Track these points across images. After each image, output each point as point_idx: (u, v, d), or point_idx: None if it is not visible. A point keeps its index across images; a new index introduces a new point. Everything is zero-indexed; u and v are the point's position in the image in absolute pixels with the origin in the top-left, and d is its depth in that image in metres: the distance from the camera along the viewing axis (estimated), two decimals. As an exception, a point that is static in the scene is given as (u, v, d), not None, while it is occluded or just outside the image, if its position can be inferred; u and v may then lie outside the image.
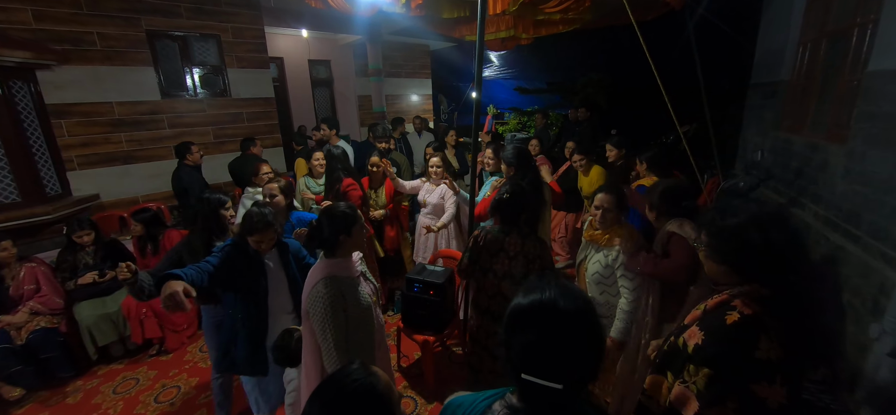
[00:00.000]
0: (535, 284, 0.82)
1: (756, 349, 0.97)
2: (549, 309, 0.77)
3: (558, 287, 0.80)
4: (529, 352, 0.77)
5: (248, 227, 1.97)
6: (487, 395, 0.90)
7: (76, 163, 4.25)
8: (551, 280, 0.83)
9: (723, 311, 1.06)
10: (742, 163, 5.05)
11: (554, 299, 0.77)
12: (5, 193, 3.63)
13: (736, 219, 1.08)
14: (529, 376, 0.75)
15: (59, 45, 4.00)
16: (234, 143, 5.20)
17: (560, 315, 0.76)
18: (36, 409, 2.82)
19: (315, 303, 1.62)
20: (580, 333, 0.77)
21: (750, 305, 1.03)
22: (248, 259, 2.02)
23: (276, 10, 5.76)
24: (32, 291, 3.01)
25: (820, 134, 3.28)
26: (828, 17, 3.36)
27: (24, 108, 3.77)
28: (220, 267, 1.93)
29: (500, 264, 2.08)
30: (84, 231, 3.15)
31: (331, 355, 1.61)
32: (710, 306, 1.12)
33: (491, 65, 10.89)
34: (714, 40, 4.76)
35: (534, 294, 0.80)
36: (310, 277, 1.71)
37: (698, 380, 1.02)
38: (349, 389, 0.90)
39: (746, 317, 1.01)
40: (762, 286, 1.05)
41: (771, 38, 4.42)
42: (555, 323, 0.76)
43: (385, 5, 4.19)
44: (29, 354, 2.86)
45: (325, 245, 1.71)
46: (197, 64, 4.95)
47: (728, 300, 1.08)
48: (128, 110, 4.51)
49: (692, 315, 1.17)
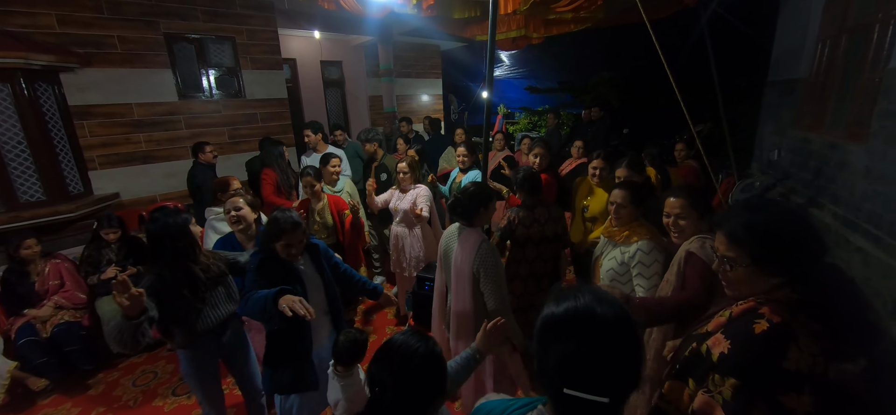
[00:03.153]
0: (567, 292, 0.78)
1: (785, 359, 0.94)
2: (587, 317, 0.73)
3: (592, 293, 0.76)
4: (569, 364, 0.72)
5: (274, 231, 1.85)
6: (520, 403, 0.90)
7: (97, 162, 4.38)
8: (583, 287, 0.79)
9: (750, 319, 1.02)
10: (758, 162, 4.96)
11: (590, 306, 0.74)
12: (31, 191, 3.76)
13: (765, 211, 1.04)
14: (572, 390, 0.70)
15: (81, 48, 4.12)
16: (249, 143, 5.29)
17: (599, 323, 0.72)
18: (59, 400, 2.92)
19: (486, 258, 1.94)
20: (622, 340, 0.73)
21: (779, 313, 0.99)
22: (282, 267, 1.89)
23: (290, 12, 5.85)
24: (57, 286, 3.12)
25: (839, 132, 3.22)
26: (848, 13, 3.28)
27: (49, 109, 3.90)
28: (264, 283, 1.80)
29: (536, 230, 2.57)
30: (112, 228, 3.25)
31: (504, 300, 1.98)
32: (735, 313, 1.07)
33: (502, 64, 10.87)
34: (729, 37, 4.69)
35: (567, 302, 0.75)
36: (466, 243, 2.00)
37: (725, 390, 0.99)
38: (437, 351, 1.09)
39: (776, 326, 0.97)
40: (792, 290, 1.00)
41: (788, 35, 4.34)
42: (594, 331, 0.72)
43: (397, 6, 4.22)
44: (53, 346, 2.97)
45: (466, 216, 2.01)
46: (213, 66, 5.06)
47: (755, 308, 1.03)
48: (146, 111, 4.63)
49: (716, 322, 1.12)
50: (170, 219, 1.89)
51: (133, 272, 3.22)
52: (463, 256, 2.01)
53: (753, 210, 1.06)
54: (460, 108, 11.28)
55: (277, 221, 1.86)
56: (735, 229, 1.06)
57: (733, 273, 1.08)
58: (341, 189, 3.55)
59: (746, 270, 1.05)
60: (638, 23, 3.49)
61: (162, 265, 1.87)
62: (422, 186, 3.31)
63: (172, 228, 1.88)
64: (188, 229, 1.93)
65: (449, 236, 2.17)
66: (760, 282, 1.04)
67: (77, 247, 3.51)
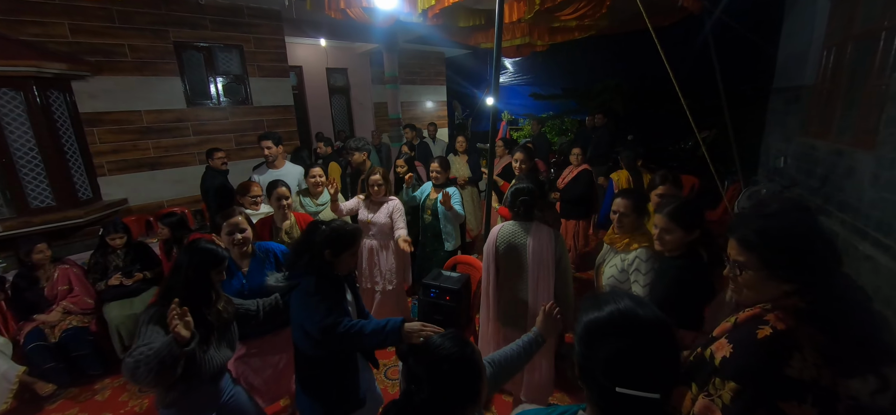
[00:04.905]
0: (605, 297, 0.81)
1: (787, 366, 0.93)
2: (632, 318, 0.76)
3: (629, 297, 0.79)
4: (618, 364, 0.75)
5: (343, 242, 1.73)
6: (559, 411, 0.91)
7: (106, 168, 4.44)
8: (615, 293, 0.82)
9: (754, 324, 1.02)
10: (764, 169, 4.93)
11: (633, 308, 0.77)
12: (41, 197, 3.82)
13: (778, 217, 1.03)
14: (624, 388, 0.73)
15: (92, 56, 4.20)
16: (255, 149, 5.34)
17: (643, 322, 0.75)
18: (67, 405, 2.93)
19: (564, 247, 2.19)
20: (665, 337, 0.76)
21: (784, 320, 0.98)
22: (334, 284, 1.75)
23: (297, 20, 5.92)
24: (65, 291, 3.15)
25: (846, 139, 3.20)
26: (854, 19, 3.28)
27: (60, 116, 3.97)
28: (331, 305, 1.68)
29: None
30: (118, 234, 3.28)
31: (571, 286, 2.24)
32: (741, 319, 1.07)
33: (506, 71, 10.90)
34: (734, 44, 4.68)
35: (609, 306, 0.78)
36: (541, 235, 2.18)
37: (724, 394, 1.00)
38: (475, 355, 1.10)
39: (779, 332, 0.96)
40: (802, 299, 0.99)
41: (794, 42, 4.33)
42: (640, 331, 0.75)
43: (402, 15, 4.26)
44: (61, 351, 2.99)
45: (528, 214, 2.23)
46: (220, 73, 5.13)
47: (760, 314, 1.03)
48: (155, 118, 4.69)
49: (722, 327, 1.12)
50: (205, 256, 1.69)
51: (139, 279, 3.27)
52: (542, 246, 2.18)
53: (767, 216, 1.05)
54: (464, 114, 11.32)
55: (344, 232, 1.74)
56: (747, 234, 1.05)
57: (743, 278, 1.07)
58: (326, 202, 3.26)
59: (756, 275, 1.04)
60: (642, 30, 3.51)
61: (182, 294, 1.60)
62: (395, 200, 3.19)
63: (200, 256, 1.68)
64: (211, 273, 1.70)
65: (509, 233, 2.27)
66: (770, 288, 1.03)
67: (86, 252, 3.55)
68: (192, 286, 1.64)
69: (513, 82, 11.12)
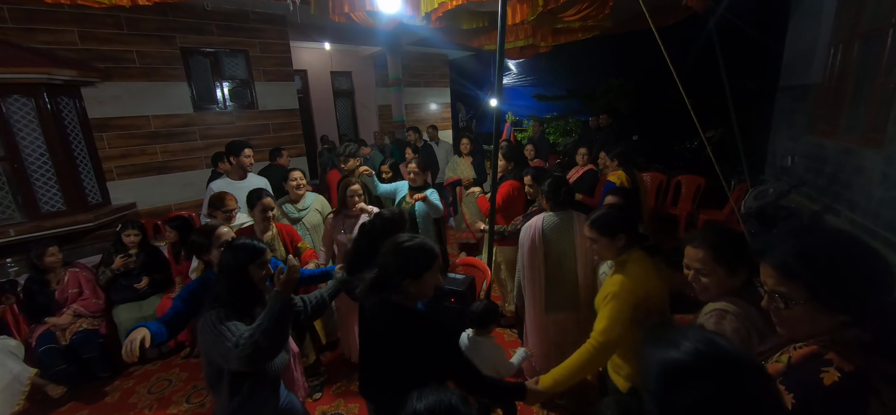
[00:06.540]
0: (674, 335, 0.74)
1: None
2: (720, 356, 0.70)
3: (703, 331, 0.74)
4: (708, 410, 0.69)
5: (398, 227, 1.98)
6: None
7: (115, 173, 4.50)
8: (686, 329, 0.76)
9: (816, 366, 0.85)
10: (771, 168, 4.89)
11: (717, 345, 0.71)
12: (52, 202, 3.87)
13: (816, 236, 0.89)
14: None
15: (101, 63, 4.26)
16: (261, 153, 5.37)
17: (734, 362, 0.69)
18: (77, 407, 2.97)
19: None
20: (754, 376, 0.70)
21: (850, 358, 0.83)
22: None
23: (301, 24, 5.97)
24: (76, 294, 3.20)
25: (854, 138, 3.17)
26: (860, 17, 3.25)
27: (70, 122, 4.03)
28: None
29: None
30: (133, 230, 3.33)
31: None
32: (795, 359, 0.90)
33: (509, 73, 10.91)
34: (739, 43, 4.65)
35: (687, 344, 0.71)
36: (581, 221, 2.28)
37: None
38: None
39: (848, 375, 0.81)
40: (863, 330, 0.84)
41: (800, 40, 4.30)
42: (731, 372, 0.69)
43: (406, 18, 4.28)
44: (72, 354, 3.02)
45: (566, 207, 2.41)
46: (227, 78, 5.18)
47: (820, 352, 0.87)
48: (163, 123, 4.75)
49: (773, 368, 0.94)
50: (243, 251, 1.61)
51: (146, 283, 3.30)
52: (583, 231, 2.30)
53: (802, 235, 0.90)
54: (468, 116, 11.32)
55: (400, 217, 2.14)
56: (786, 260, 0.88)
57: (788, 312, 0.90)
58: (309, 206, 3.16)
59: (805, 307, 0.87)
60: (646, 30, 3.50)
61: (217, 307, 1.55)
62: (374, 210, 2.99)
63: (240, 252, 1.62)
64: (250, 270, 1.61)
65: (552, 226, 2.40)
66: (823, 321, 0.87)
67: (95, 256, 3.60)
68: (237, 285, 1.59)
69: (516, 84, 11.13)
